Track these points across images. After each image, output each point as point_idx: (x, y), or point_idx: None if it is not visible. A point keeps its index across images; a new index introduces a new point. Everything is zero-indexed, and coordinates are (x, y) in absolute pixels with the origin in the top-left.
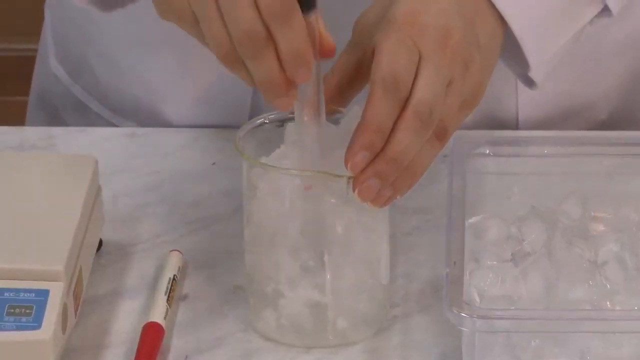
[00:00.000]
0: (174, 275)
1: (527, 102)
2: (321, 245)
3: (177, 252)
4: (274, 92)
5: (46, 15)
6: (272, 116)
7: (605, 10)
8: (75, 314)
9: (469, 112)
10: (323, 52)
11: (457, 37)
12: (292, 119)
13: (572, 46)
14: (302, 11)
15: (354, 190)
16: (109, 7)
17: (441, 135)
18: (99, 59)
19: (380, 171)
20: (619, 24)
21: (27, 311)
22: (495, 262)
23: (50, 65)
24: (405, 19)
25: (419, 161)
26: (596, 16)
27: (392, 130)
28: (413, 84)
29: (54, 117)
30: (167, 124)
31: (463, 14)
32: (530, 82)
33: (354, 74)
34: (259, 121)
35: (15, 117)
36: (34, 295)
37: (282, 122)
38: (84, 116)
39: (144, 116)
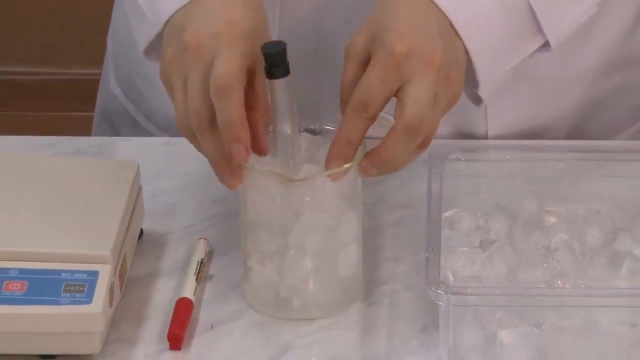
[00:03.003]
0: (202, 259)
1: (495, 125)
2: (284, 235)
3: (204, 240)
4: (220, 169)
5: (108, 44)
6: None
7: (546, 45)
8: (121, 290)
9: (446, 112)
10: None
11: (441, 56)
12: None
13: (512, 74)
14: (275, 77)
15: (359, 172)
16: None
17: (424, 144)
18: (145, 82)
19: (378, 167)
20: (574, 56)
21: (81, 289)
22: (466, 248)
23: (110, 85)
24: (395, 46)
25: (404, 161)
26: (537, 49)
27: (388, 138)
28: (404, 100)
29: (114, 130)
30: None
31: (442, 34)
32: (477, 100)
33: None
34: None
35: (70, 129)
36: (86, 275)
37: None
38: (135, 130)
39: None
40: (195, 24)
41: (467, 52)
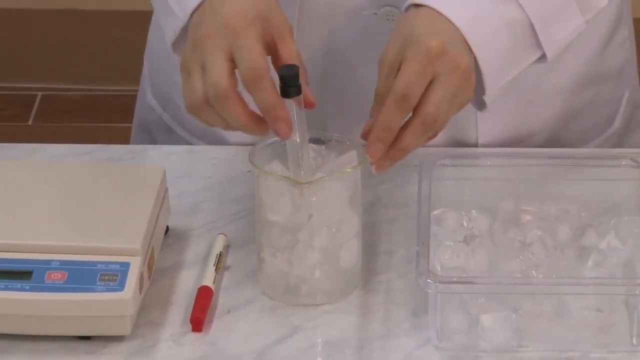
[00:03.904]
0: (220, 252)
1: (484, 133)
2: (294, 232)
3: (223, 235)
4: (257, 126)
5: (145, 63)
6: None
7: (543, 57)
8: (149, 279)
9: (459, 111)
10: (307, 104)
11: (466, 61)
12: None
13: (513, 83)
14: (288, 96)
15: (371, 165)
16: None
17: (433, 136)
18: (179, 94)
19: (392, 157)
20: (553, 73)
21: (114, 278)
22: (452, 243)
23: (147, 98)
24: (430, 43)
25: (415, 148)
26: (535, 61)
27: (405, 130)
28: (426, 98)
29: (151, 139)
30: (225, 142)
31: (464, 44)
32: (481, 105)
33: None
34: (270, 140)
35: (108, 138)
36: (118, 266)
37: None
38: (170, 137)
39: (211, 137)
40: (207, 22)
41: (476, 62)
